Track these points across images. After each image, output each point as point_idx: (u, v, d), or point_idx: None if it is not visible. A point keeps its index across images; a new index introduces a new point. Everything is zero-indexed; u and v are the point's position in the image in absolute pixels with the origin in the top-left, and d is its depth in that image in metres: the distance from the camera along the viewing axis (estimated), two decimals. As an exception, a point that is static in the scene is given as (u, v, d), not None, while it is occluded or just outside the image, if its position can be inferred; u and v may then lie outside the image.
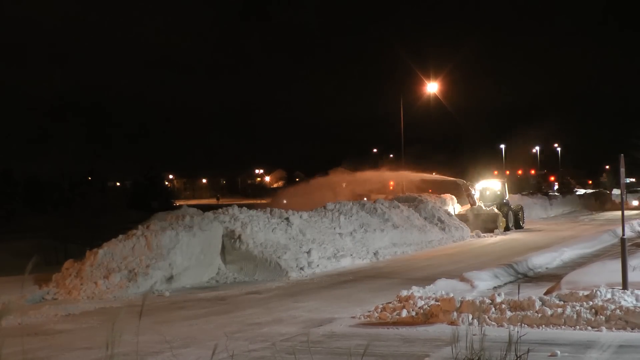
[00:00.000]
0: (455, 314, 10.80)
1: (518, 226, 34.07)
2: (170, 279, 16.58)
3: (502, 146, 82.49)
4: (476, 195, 33.71)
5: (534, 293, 12.27)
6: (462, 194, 34.04)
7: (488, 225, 31.53)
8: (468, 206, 33.29)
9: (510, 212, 33.41)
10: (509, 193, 43.40)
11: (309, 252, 19.64)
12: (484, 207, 32.56)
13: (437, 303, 11.40)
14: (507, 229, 32.24)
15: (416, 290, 12.73)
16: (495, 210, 32.42)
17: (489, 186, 35.32)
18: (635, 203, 52.39)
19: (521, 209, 35.62)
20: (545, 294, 12.18)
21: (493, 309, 10.84)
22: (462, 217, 31.71)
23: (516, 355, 5.71)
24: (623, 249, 12.18)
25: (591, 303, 10.57)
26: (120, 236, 17.58)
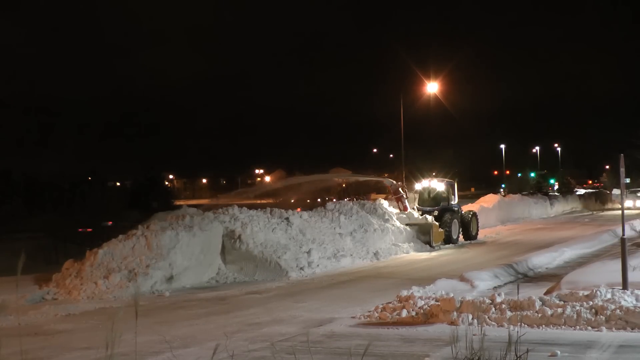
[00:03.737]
0: (455, 314, 10.80)
1: (469, 237, 28.14)
2: (170, 279, 16.57)
3: (502, 146, 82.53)
4: (420, 197, 28.64)
5: (534, 293, 12.27)
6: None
7: (420, 236, 25.30)
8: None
9: (455, 220, 27.18)
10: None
11: (309, 252, 19.64)
12: (415, 215, 26.59)
13: (437, 303, 11.39)
14: (449, 241, 26.29)
15: (416, 290, 12.74)
16: (429, 219, 25.97)
17: (431, 187, 28.79)
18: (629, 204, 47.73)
19: (473, 215, 28.97)
20: (545, 294, 12.18)
21: (493, 309, 10.83)
22: None
23: (516, 355, 5.71)
24: (623, 249, 12.18)
25: (591, 303, 10.57)
26: (120, 236, 17.57)
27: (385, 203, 27.34)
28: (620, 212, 13.06)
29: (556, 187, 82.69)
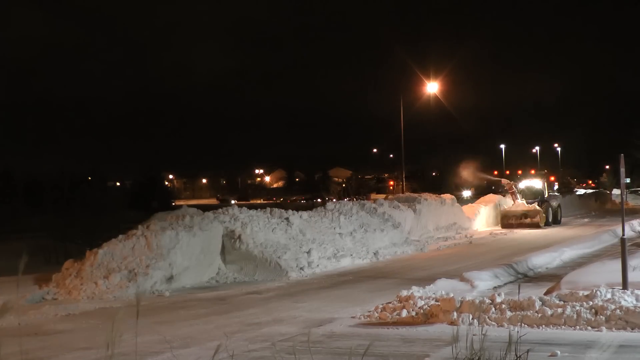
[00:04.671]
0: (455, 314, 10.79)
1: (556, 221, 37.02)
2: (170, 279, 16.57)
3: (502, 146, 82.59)
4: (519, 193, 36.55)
5: (534, 293, 12.27)
6: (507, 193, 37.25)
7: (530, 220, 34.43)
8: (510, 204, 36.24)
9: (550, 208, 36.43)
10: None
11: (309, 252, 19.63)
12: (526, 204, 35.45)
13: (437, 303, 11.39)
14: (547, 223, 35.32)
15: (416, 290, 12.73)
16: (537, 206, 35.25)
17: (531, 185, 38.18)
18: None
19: (559, 206, 38.46)
20: (545, 294, 12.18)
21: (493, 309, 10.83)
22: (505, 214, 35.26)
23: (516, 355, 5.71)
24: (623, 249, 12.17)
25: (591, 303, 10.57)
26: (120, 236, 17.56)
27: (385, 203, 27.51)
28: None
29: (556, 187, 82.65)
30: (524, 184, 38.29)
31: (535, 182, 38.65)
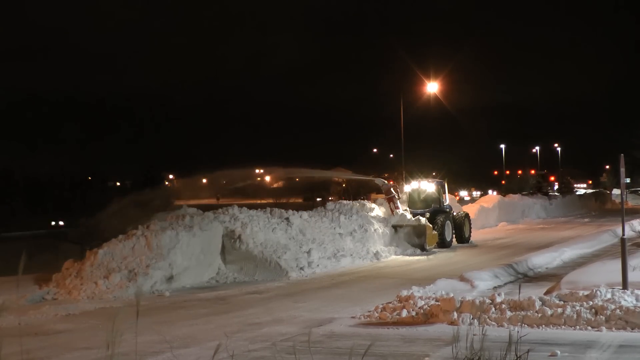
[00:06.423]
0: (455, 314, 10.80)
1: (461, 240, 26.92)
2: (170, 279, 16.57)
3: (502, 146, 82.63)
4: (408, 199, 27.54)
5: (534, 293, 12.28)
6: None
7: (413, 239, 24.12)
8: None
9: (448, 222, 25.81)
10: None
11: (309, 252, 19.64)
12: (408, 216, 24.98)
13: (437, 303, 11.39)
14: (442, 244, 25.07)
15: (416, 290, 12.74)
16: (422, 220, 24.59)
17: (421, 188, 27.75)
18: None
19: (466, 217, 27.71)
20: (545, 294, 12.19)
21: (493, 309, 10.84)
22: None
23: (516, 355, 5.71)
24: (623, 249, 12.18)
25: (591, 303, 10.58)
26: (120, 236, 17.56)
27: (385, 203, 27.28)
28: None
29: (556, 187, 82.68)
30: (411, 186, 28.06)
31: (426, 185, 27.69)
